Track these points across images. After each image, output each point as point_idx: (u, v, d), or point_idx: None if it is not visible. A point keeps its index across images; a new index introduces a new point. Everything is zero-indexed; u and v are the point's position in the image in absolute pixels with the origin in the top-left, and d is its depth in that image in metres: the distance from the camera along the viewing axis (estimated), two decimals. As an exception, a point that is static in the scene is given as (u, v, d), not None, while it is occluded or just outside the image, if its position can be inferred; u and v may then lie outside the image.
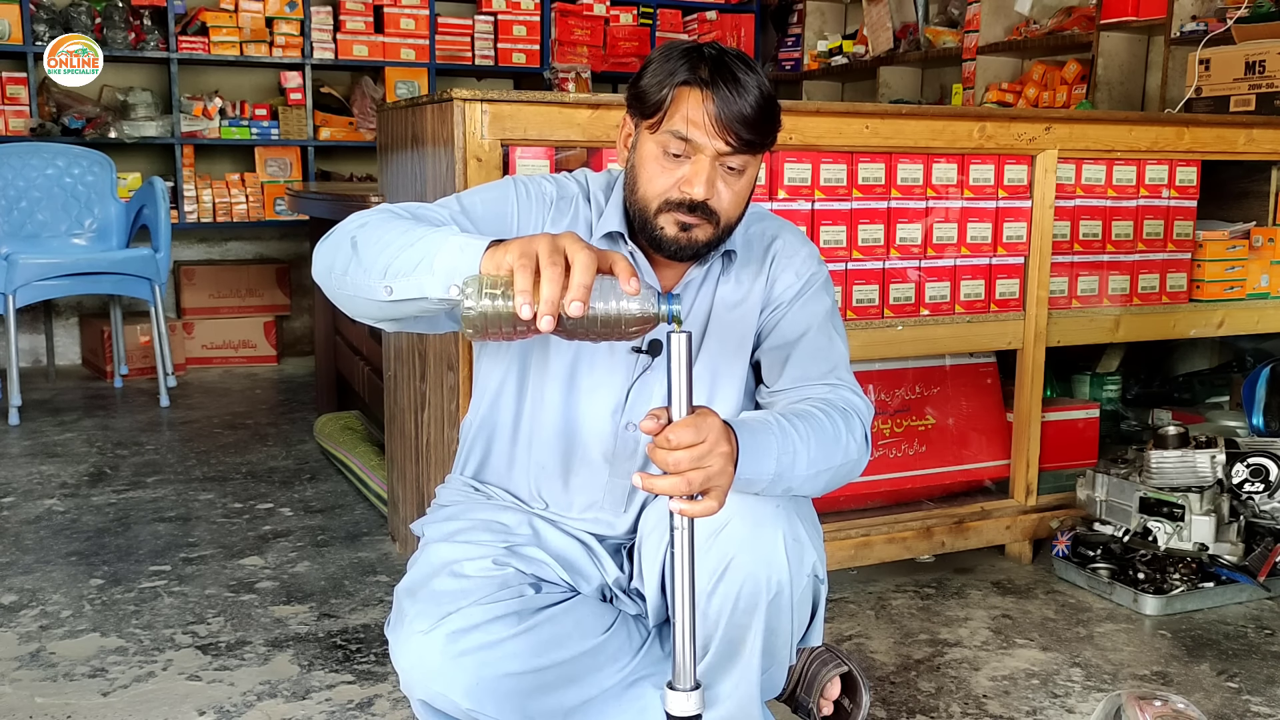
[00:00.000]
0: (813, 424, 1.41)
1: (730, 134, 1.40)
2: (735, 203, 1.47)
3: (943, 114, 2.76)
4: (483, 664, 1.41)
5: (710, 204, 1.44)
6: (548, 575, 1.56)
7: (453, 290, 1.19)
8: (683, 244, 1.47)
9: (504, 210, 1.53)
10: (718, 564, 1.40)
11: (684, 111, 1.41)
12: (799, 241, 1.63)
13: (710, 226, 1.46)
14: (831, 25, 6.17)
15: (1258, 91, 3.54)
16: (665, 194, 1.45)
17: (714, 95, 1.39)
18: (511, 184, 1.58)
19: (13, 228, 4.54)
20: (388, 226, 1.32)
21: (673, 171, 1.44)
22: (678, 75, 1.41)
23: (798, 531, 1.44)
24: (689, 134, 1.41)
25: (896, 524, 2.61)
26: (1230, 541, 2.56)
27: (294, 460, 3.63)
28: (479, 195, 1.54)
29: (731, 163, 1.43)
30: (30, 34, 4.89)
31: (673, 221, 1.46)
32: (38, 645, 2.22)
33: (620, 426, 1.58)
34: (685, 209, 1.44)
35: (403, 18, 5.49)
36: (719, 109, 1.39)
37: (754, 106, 1.40)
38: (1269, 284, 3.04)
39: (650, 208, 1.47)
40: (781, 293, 1.58)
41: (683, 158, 1.43)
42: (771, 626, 1.45)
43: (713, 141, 1.41)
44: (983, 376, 2.80)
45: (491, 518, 1.60)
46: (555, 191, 1.58)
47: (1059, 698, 2.06)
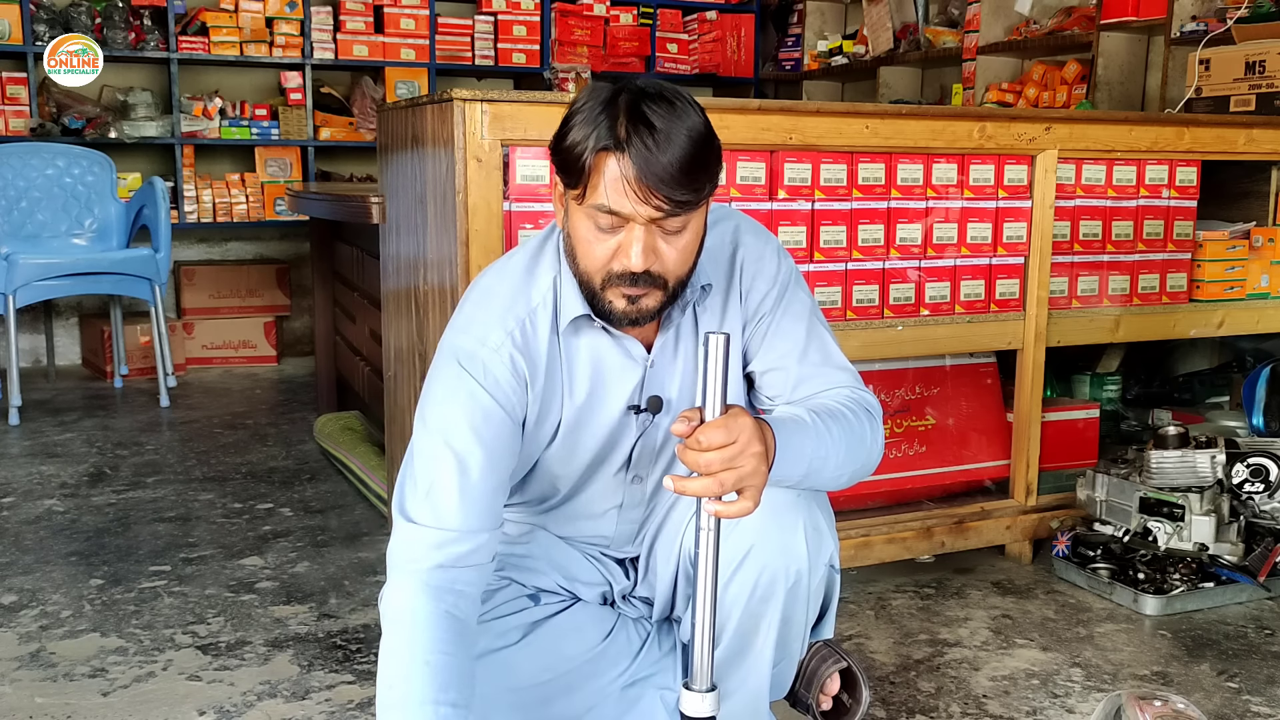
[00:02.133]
0: (844, 424, 1.40)
1: (657, 197, 1.27)
2: (681, 261, 1.36)
3: (943, 114, 2.76)
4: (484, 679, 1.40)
5: (653, 271, 1.33)
6: (546, 584, 1.56)
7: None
8: (633, 315, 1.37)
9: (497, 430, 1.39)
10: (736, 552, 1.40)
11: (605, 182, 1.28)
12: (760, 240, 1.53)
13: (659, 292, 1.36)
14: (831, 25, 6.17)
15: (1258, 91, 3.54)
16: (605, 266, 1.34)
17: (633, 159, 1.26)
18: (467, 377, 1.40)
19: (13, 228, 4.54)
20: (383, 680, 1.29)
21: (607, 242, 1.32)
22: (594, 139, 1.28)
23: (817, 520, 1.44)
24: (615, 206, 1.28)
25: (896, 524, 2.61)
26: (1230, 541, 2.56)
27: (294, 460, 3.63)
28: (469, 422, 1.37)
29: (668, 225, 1.31)
30: (30, 34, 4.89)
31: (619, 295, 1.35)
32: (38, 645, 2.22)
33: (627, 481, 1.56)
34: (628, 281, 1.33)
35: (403, 18, 5.49)
36: (640, 173, 1.26)
37: (680, 161, 1.26)
38: (1269, 284, 3.04)
39: (594, 283, 1.36)
40: (759, 304, 1.50)
41: (615, 229, 1.31)
42: (787, 616, 1.45)
43: (640, 209, 1.28)
44: (983, 376, 2.80)
45: None
46: (508, 343, 1.42)
47: (1059, 698, 2.06)
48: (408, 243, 2.54)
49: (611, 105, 1.29)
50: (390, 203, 2.69)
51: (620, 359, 1.46)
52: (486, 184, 2.14)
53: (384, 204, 2.74)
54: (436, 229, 2.28)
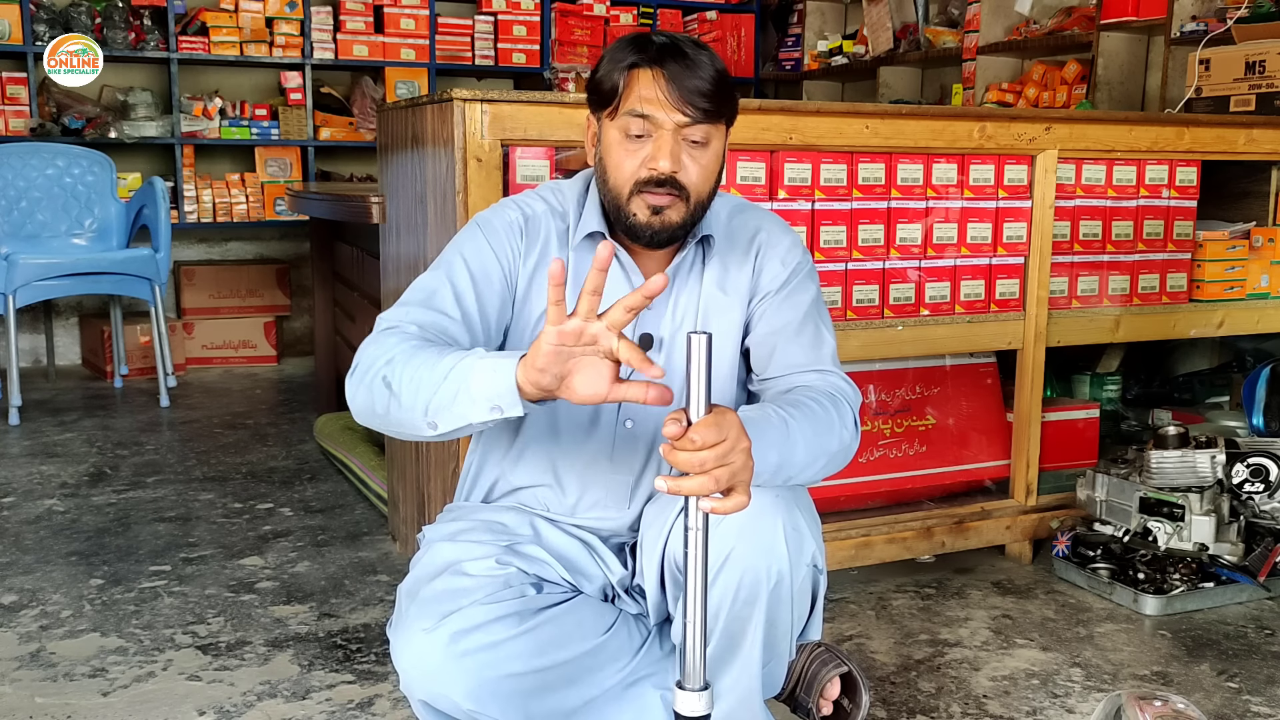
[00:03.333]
0: (807, 413, 1.42)
1: (687, 105, 1.43)
2: (704, 177, 1.49)
3: (943, 114, 2.76)
4: (484, 664, 1.41)
5: (679, 178, 1.46)
6: (549, 575, 1.56)
7: (495, 412, 1.26)
8: (656, 228, 1.49)
9: (485, 261, 1.53)
10: (717, 555, 1.41)
11: (638, 91, 1.44)
12: (782, 231, 1.64)
13: (682, 204, 1.47)
14: (831, 25, 6.17)
15: (1258, 91, 3.54)
16: (634, 175, 1.46)
17: (665, 71, 1.43)
18: (478, 228, 1.57)
19: (13, 228, 4.54)
20: (416, 361, 1.34)
21: (637, 153, 1.46)
22: (628, 60, 1.45)
23: (796, 521, 1.45)
24: (646, 110, 1.44)
25: (896, 524, 2.61)
26: (1230, 541, 2.56)
27: (294, 460, 3.63)
28: (462, 256, 1.54)
29: (694, 135, 1.45)
30: (30, 34, 4.89)
31: (644, 205, 1.47)
32: (38, 645, 2.22)
33: (619, 424, 1.58)
34: (654, 186, 1.45)
35: (403, 18, 5.49)
36: (672, 83, 1.42)
37: (706, 78, 1.43)
38: (1269, 284, 3.04)
39: (622, 194, 1.48)
40: (768, 283, 1.59)
41: (645, 137, 1.45)
42: (772, 618, 1.45)
43: (670, 115, 1.43)
44: (983, 376, 2.80)
45: (492, 518, 1.61)
46: (519, 216, 1.58)
47: (1059, 698, 2.06)
48: (408, 243, 2.54)
49: (641, 38, 1.48)
50: (390, 203, 2.69)
51: (622, 286, 1.54)
52: (486, 184, 2.14)
53: (384, 204, 2.74)
54: (436, 229, 2.28)
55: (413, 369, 1.33)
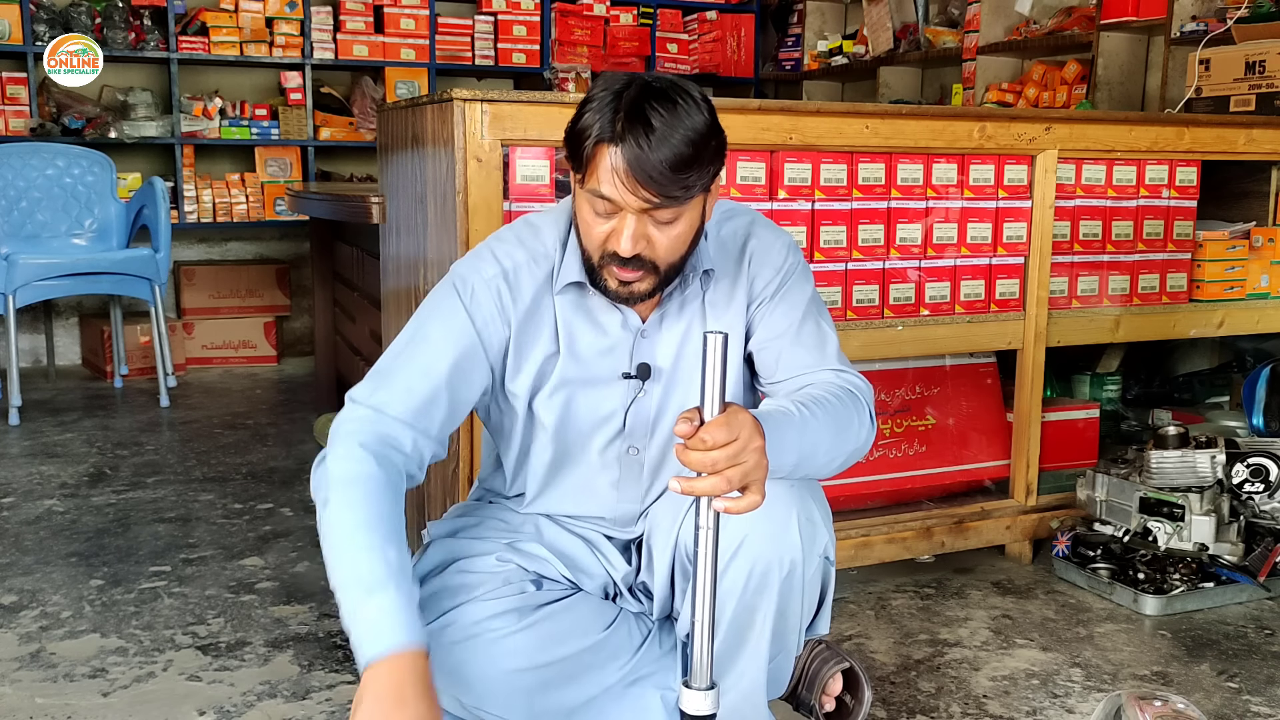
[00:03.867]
0: (828, 410, 1.42)
1: (647, 190, 1.33)
2: (673, 249, 1.41)
3: (943, 114, 2.76)
4: (485, 660, 1.41)
5: (644, 255, 1.39)
6: (549, 572, 1.56)
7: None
8: (624, 296, 1.44)
9: (466, 345, 1.47)
10: (731, 543, 1.41)
11: (600, 172, 1.35)
12: (772, 235, 1.60)
13: (651, 276, 1.42)
14: (831, 25, 6.17)
15: (1258, 91, 3.54)
16: (601, 246, 1.41)
17: (625, 153, 1.32)
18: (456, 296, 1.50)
19: (13, 228, 4.54)
20: (330, 539, 1.34)
21: (604, 224, 1.39)
22: (595, 130, 1.34)
23: (811, 511, 1.45)
24: (607, 193, 1.35)
25: (896, 524, 2.61)
26: (1230, 541, 2.56)
27: (294, 460, 3.63)
28: (444, 333, 1.47)
29: (659, 215, 1.37)
30: (30, 34, 4.89)
31: (613, 277, 1.42)
32: (38, 645, 2.22)
33: (623, 452, 1.58)
34: (620, 263, 1.40)
35: (403, 18, 5.49)
36: (631, 167, 1.32)
37: (669, 160, 1.31)
38: (1269, 284, 3.04)
39: (593, 258, 1.43)
40: (763, 289, 1.56)
41: (611, 214, 1.38)
42: (782, 608, 1.45)
43: (629, 199, 1.34)
44: (983, 376, 2.80)
45: (494, 516, 1.61)
46: (499, 272, 1.50)
47: (1059, 698, 2.06)
48: (408, 243, 2.54)
49: (618, 99, 1.35)
50: (390, 203, 2.69)
51: (614, 325, 1.52)
52: (486, 184, 2.14)
53: (384, 204, 2.74)
54: (436, 229, 2.28)
55: (329, 547, 1.34)
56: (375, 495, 1.35)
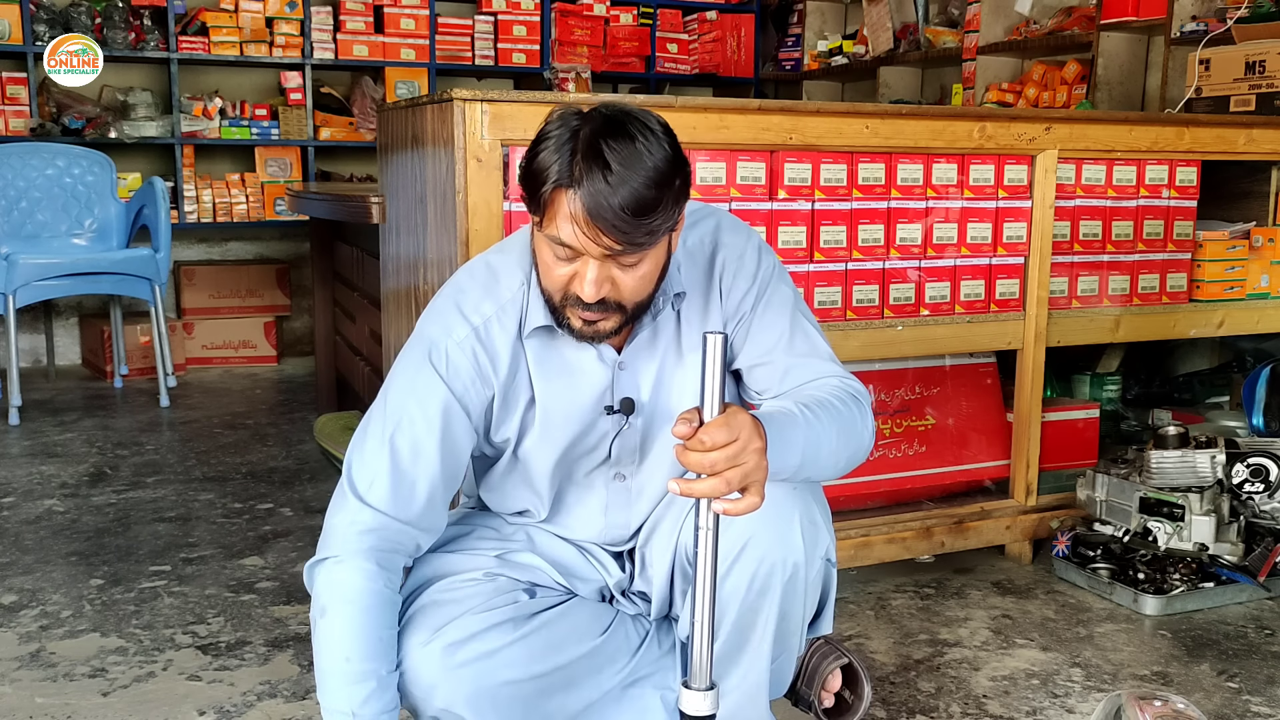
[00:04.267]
0: (832, 412, 1.41)
1: (609, 237, 1.28)
2: (638, 289, 1.37)
3: (943, 114, 2.76)
4: (481, 673, 1.41)
5: (608, 297, 1.35)
6: (542, 580, 1.56)
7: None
8: (588, 335, 1.41)
9: (452, 427, 1.44)
10: (734, 545, 1.40)
11: (558, 220, 1.30)
12: (740, 238, 1.54)
13: (616, 315, 1.38)
14: (831, 25, 6.17)
15: (1258, 91, 3.54)
16: (563, 289, 1.37)
17: (584, 199, 1.27)
18: (433, 371, 1.45)
19: (13, 228, 4.54)
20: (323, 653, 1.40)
21: (564, 269, 1.35)
22: (552, 173, 1.29)
23: (813, 514, 1.45)
24: (567, 240, 1.31)
25: (896, 524, 2.60)
26: (1230, 541, 2.56)
27: (294, 460, 3.63)
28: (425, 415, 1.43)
29: (623, 260, 1.33)
30: (30, 34, 4.89)
31: (577, 317, 1.39)
32: (38, 645, 2.22)
33: (610, 478, 1.58)
34: (583, 307, 1.36)
35: (403, 18, 5.49)
36: (591, 214, 1.27)
37: (631, 205, 1.26)
38: (1269, 284, 3.04)
39: (554, 301, 1.40)
40: (740, 302, 1.51)
41: (571, 259, 1.34)
42: (784, 610, 1.45)
43: (591, 247, 1.30)
44: (983, 376, 2.80)
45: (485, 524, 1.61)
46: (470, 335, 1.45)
47: (1059, 698, 2.06)
48: (408, 243, 2.54)
49: (574, 137, 1.29)
50: (390, 203, 2.69)
51: (590, 361, 1.49)
52: (486, 184, 2.14)
53: (384, 204, 2.74)
54: (436, 229, 2.28)
55: (325, 670, 1.41)
56: (375, 615, 1.40)
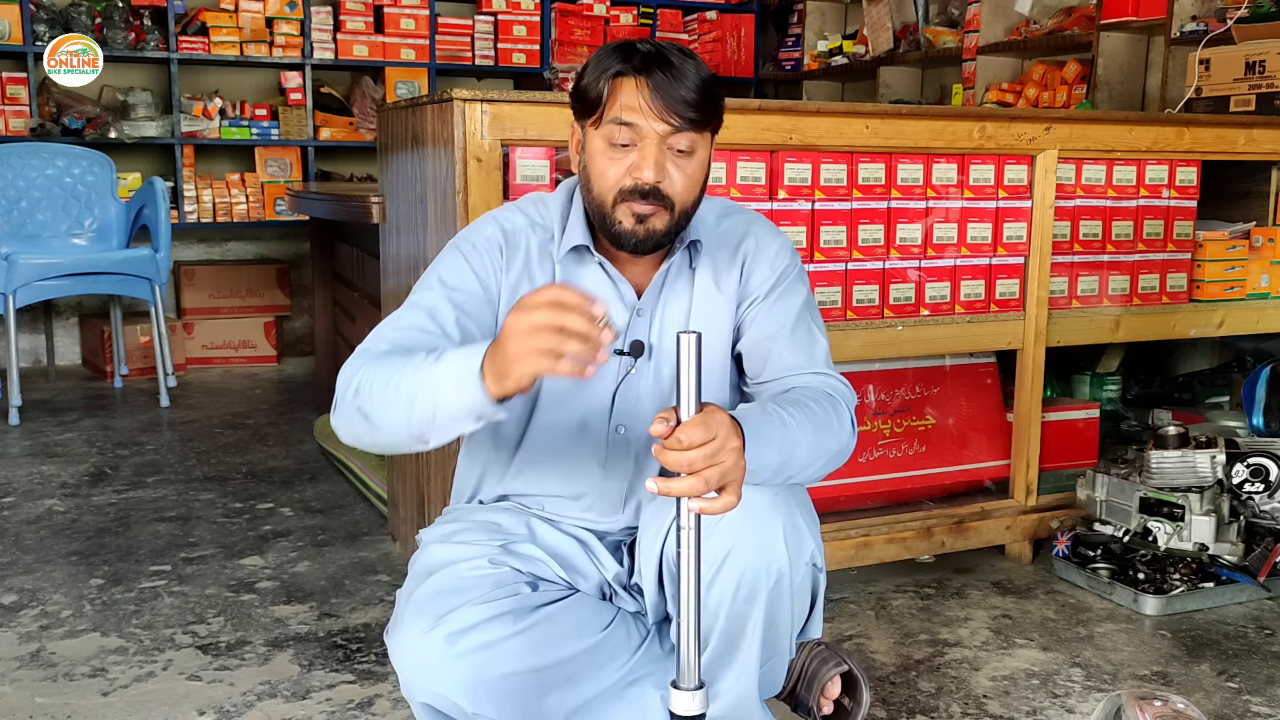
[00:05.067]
0: (807, 412, 1.42)
1: (671, 114, 1.41)
2: (689, 186, 1.47)
3: (943, 114, 2.76)
4: (481, 664, 1.41)
5: (663, 188, 1.44)
6: (545, 573, 1.56)
7: (480, 422, 1.25)
8: (640, 236, 1.47)
9: (464, 277, 1.52)
10: (717, 554, 1.41)
11: (622, 100, 1.43)
12: (770, 235, 1.63)
13: (666, 213, 1.46)
14: (831, 25, 6.17)
15: (1258, 91, 3.54)
16: (618, 184, 1.45)
17: (649, 80, 1.42)
18: (456, 250, 1.56)
19: (13, 228, 4.54)
20: (380, 384, 1.33)
21: (621, 161, 1.45)
22: (612, 68, 1.44)
23: (796, 520, 1.45)
24: (630, 119, 1.42)
25: (896, 524, 2.61)
26: (1230, 541, 2.56)
27: (294, 460, 3.63)
28: (440, 278, 1.52)
29: (679, 144, 1.44)
30: (30, 34, 4.89)
31: (628, 213, 1.46)
32: (38, 645, 2.23)
33: (610, 430, 1.58)
34: (639, 196, 1.44)
35: (403, 18, 5.49)
36: (656, 91, 1.41)
37: (692, 86, 1.42)
38: (1269, 284, 3.04)
39: (606, 201, 1.47)
40: (757, 287, 1.58)
41: (630, 146, 1.44)
42: (771, 616, 1.45)
43: (654, 124, 1.42)
44: (983, 376, 2.80)
45: (488, 518, 1.61)
46: (499, 232, 1.56)
47: (1059, 698, 2.06)
48: (408, 243, 2.54)
49: (627, 46, 1.46)
50: (390, 203, 2.69)
51: (611, 298, 1.55)
52: (486, 184, 2.14)
53: (384, 204, 2.74)
54: (436, 229, 2.28)
55: (379, 392, 1.32)
56: (386, 357, 1.38)
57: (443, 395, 1.25)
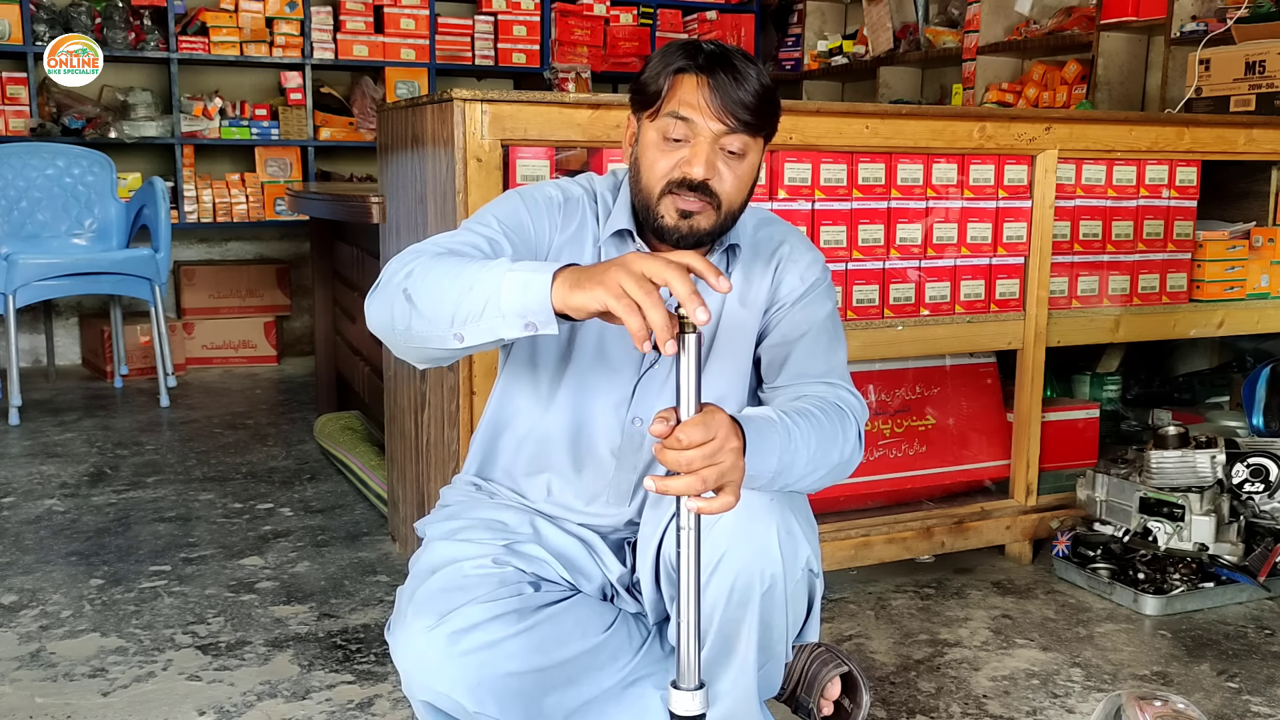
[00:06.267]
0: (812, 422, 1.42)
1: (727, 114, 1.43)
2: (738, 188, 1.49)
3: (943, 114, 2.76)
4: (484, 663, 1.41)
5: (711, 185, 1.45)
6: (548, 574, 1.56)
7: (529, 329, 1.21)
8: (684, 232, 1.48)
9: (521, 220, 1.53)
10: (711, 557, 1.41)
11: (681, 95, 1.44)
12: (805, 248, 1.64)
13: (712, 211, 1.47)
14: (831, 25, 6.17)
15: (1258, 91, 3.54)
16: (666, 175, 1.46)
17: (710, 79, 1.43)
18: (517, 196, 1.57)
19: (13, 228, 4.54)
20: (437, 272, 1.31)
21: (673, 155, 1.46)
22: (675, 64, 1.45)
23: (790, 525, 1.45)
24: (686, 114, 1.44)
25: (896, 524, 2.61)
26: (1230, 541, 2.56)
27: (294, 460, 3.63)
28: (496, 215, 1.52)
29: (731, 145, 1.45)
30: (30, 34, 4.89)
31: (673, 208, 1.47)
32: (38, 645, 2.23)
33: (626, 421, 1.58)
34: (687, 190, 1.45)
35: (403, 18, 5.49)
36: (716, 91, 1.42)
37: (751, 90, 1.43)
38: (1269, 284, 3.04)
39: (653, 193, 1.48)
40: (785, 295, 1.59)
41: (683, 141, 1.45)
42: (766, 620, 1.45)
43: (710, 123, 1.43)
44: (983, 376, 2.80)
45: (492, 516, 1.60)
46: (560, 195, 1.59)
47: (1059, 698, 2.06)
48: (408, 243, 2.52)
49: (694, 44, 1.48)
50: (390, 203, 2.69)
51: None
52: (486, 184, 2.14)
53: (384, 204, 2.74)
54: (436, 229, 2.28)
55: (434, 278, 1.30)
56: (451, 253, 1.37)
57: (505, 286, 1.22)
